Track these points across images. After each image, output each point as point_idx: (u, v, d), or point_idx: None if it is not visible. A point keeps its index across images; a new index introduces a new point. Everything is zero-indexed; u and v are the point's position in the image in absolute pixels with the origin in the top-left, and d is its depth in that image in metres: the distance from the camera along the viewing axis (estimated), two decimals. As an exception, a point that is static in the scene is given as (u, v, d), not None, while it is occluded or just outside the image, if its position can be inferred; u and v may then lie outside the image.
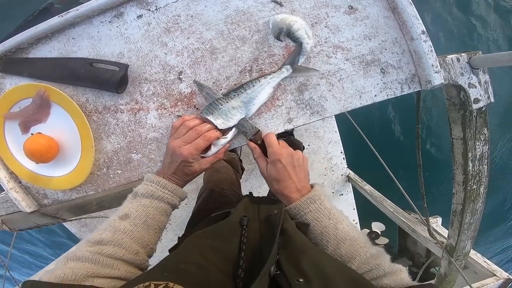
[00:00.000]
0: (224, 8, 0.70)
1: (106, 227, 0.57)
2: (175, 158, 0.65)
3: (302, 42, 0.70)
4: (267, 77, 0.71)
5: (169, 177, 0.66)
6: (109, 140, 0.80)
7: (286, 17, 0.70)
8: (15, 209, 0.89)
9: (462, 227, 1.11)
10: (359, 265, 0.55)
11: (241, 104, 0.70)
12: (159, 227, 0.63)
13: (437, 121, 3.19)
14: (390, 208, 1.78)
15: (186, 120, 0.67)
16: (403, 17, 0.64)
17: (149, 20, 0.72)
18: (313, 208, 0.62)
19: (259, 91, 0.71)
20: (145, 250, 0.59)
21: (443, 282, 1.32)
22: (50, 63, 0.74)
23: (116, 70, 0.72)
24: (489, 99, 0.74)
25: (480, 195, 1.03)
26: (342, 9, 0.68)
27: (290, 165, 0.65)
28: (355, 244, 0.58)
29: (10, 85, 0.78)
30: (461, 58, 0.69)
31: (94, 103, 0.78)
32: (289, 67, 0.71)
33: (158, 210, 0.62)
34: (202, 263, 0.44)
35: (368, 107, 0.74)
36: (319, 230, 0.60)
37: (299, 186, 0.65)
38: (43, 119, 0.76)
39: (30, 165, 0.81)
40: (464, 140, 0.87)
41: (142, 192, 0.62)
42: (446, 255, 1.24)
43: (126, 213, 0.59)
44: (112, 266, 0.50)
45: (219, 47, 0.73)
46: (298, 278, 0.40)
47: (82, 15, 0.70)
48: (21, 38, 0.73)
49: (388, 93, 0.73)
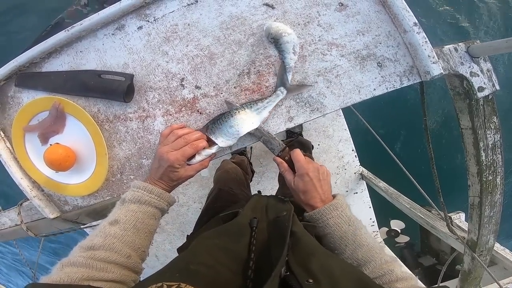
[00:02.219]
0: (219, 15, 0.73)
1: (97, 233, 0.59)
2: (162, 163, 0.67)
3: (285, 56, 0.72)
4: (264, 101, 0.74)
5: (156, 182, 0.69)
6: (121, 147, 0.84)
7: (282, 26, 0.72)
8: (39, 216, 0.95)
9: (482, 220, 1.07)
10: (373, 269, 0.58)
11: (240, 124, 0.72)
12: (149, 231, 0.65)
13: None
14: (407, 204, 1.74)
15: (175, 129, 0.70)
16: (393, 10, 0.65)
17: (149, 31, 0.76)
18: (335, 214, 0.65)
19: (257, 114, 0.73)
20: (137, 253, 0.60)
21: (467, 278, 1.27)
22: (62, 76, 0.79)
23: (122, 80, 0.76)
24: (494, 87, 0.73)
25: (497, 187, 1.00)
26: (332, 6, 0.69)
27: (316, 178, 0.69)
28: (371, 250, 0.61)
29: (27, 99, 0.84)
30: (459, 47, 0.68)
31: (105, 112, 0.82)
32: (283, 89, 0.74)
33: (147, 214, 0.64)
34: (211, 264, 0.45)
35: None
36: (339, 234, 0.64)
37: (323, 197, 0.69)
38: (60, 130, 0.82)
39: (50, 174, 0.86)
40: (473, 129, 0.85)
41: (130, 198, 0.65)
42: (468, 251, 1.20)
43: (116, 218, 0.61)
44: (106, 269, 0.52)
45: (217, 52, 0.76)
46: (308, 279, 0.41)
47: (86, 28, 0.75)
48: (33, 53, 0.78)
49: (388, 86, 0.73)
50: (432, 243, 2.86)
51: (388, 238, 2.63)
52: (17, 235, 0.98)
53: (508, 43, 0.57)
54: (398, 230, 2.62)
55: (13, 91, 0.85)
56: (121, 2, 0.72)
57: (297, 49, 0.72)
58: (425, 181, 1.47)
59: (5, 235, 0.98)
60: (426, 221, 1.64)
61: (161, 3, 0.74)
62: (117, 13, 0.74)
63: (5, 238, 1.02)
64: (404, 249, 2.94)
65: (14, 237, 1.02)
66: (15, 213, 0.93)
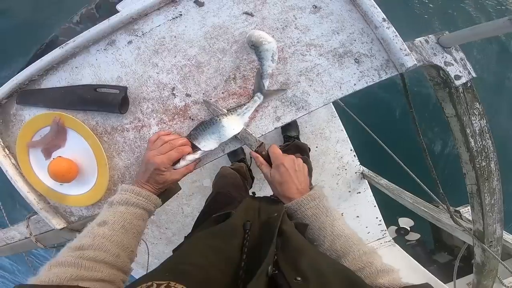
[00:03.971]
0: (202, 26, 0.78)
1: (85, 234, 0.60)
2: (149, 166, 0.70)
3: (263, 63, 0.75)
4: (243, 107, 0.77)
5: (142, 185, 0.71)
6: (120, 157, 0.88)
7: (263, 35, 0.75)
8: (47, 228, 0.99)
9: (484, 209, 1.08)
10: (352, 261, 0.58)
11: (220, 131, 0.76)
12: (137, 231, 0.66)
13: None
14: (410, 199, 1.73)
15: (161, 135, 0.74)
16: (363, 8, 0.69)
17: (138, 45, 0.81)
18: (312, 205, 0.67)
19: (236, 119, 0.77)
20: (126, 253, 0.61)
21: (482, 271, 1.26)
22: (60, 92, 0.84)
23: (117, 92, 0.80)
24: (470, 75, 0.75)
25: (493, 173, 1.01)
26: (307, 9, 0.74)
27: (291, 169, 0.71)
28: (349, 241, 0.62)
29: (29, 116, 0.89)
30: (429, 39, 0.72)
31: (103, 125, 0.87)
32: (259, 95, 0.77)
33: (134, 215, 0.66)
34: (202, 264, 0.46)
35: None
36: (317, 225, 0.65)
37: (300, 188, 0.71)
38: (61, 144, 0.86)
39: (55, 186, 0.90)
40: (458, 116, 0.88)
41: (118, 200, 0.67)
42: (477, 242, 1.19)
43: (104, 220, 0.63)
44: (95, 269, 0.52)
45: (203, 61, 0.80)
46: (296, 277, 0.42)
47: (79, 45, 0.80)
48: (31, 71, 0.83)
49: (367, 81, 0.76)
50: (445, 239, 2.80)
51: (398, 236, 2.58)
52: (27, 247, 1.02)
53: (472, 31, 0.60)
54: (407, 228, 2.58)
55: (15, 108, 0.89)
56: (109, 19, 0.77)
57: (275, 57, 0.76)
58: (430, 176, 1.47)
59: (15, 248, 1.02)
60: (431, 215, 1.63)
61: (147, 18, 0.79)
62: (107, 29, 0.79)
63: (15, 251, 1.06)
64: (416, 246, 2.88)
65: (24, 250, 1.06)
66: (24, 227, 0.98)
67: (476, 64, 3.07)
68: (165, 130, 0.84)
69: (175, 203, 2.16)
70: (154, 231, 2.18)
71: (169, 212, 2.18)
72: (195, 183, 2.14)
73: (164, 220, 2.18)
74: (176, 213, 2.18)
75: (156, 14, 0.80)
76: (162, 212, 2.17)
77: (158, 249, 2.14)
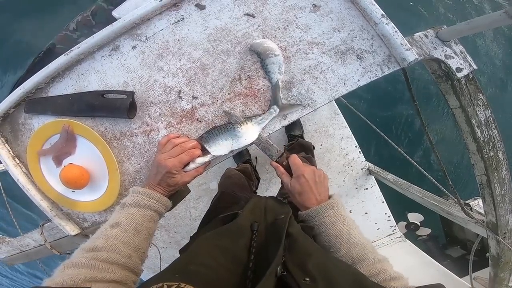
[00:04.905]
0: (205, 29, 0.80)
1: (99, 236, 0.62)
2: (160, 169, 0.72)
3: (272, 77, 0.77)
4: (258, 118, 0.79)
5: (154, 187, 0.72)
6: (130, 162, 0.89)
7: (270, 46, 0.76)
8: (61, 235, 1.01)
9: (495, 200, 1.08)
10: (367, 267, 0.60)
11: (234, 138, 0.78)
12: (148, 233, 0.68)
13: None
14: (418, 193, 1.73)
15: (171, 138, 0.76)
16: (361, 5, 0.70)
17: (143, 49, 0.82)
18: (330, 213, 0.68)
19: (250, 129, 0.78)
20: (137, 254, 0.63)
21: (498, 264, 1.25)
22: (68, 99, 0.85)
23: (124, 98, 0.81)
24: (471, 67, 0.76)
25: (501, 162, 1.01)
26: (307, 9, 0.75)
27: (311, 180, 0.72)
28: (364, 249, 0.63)
29: (38, 124, 0.90)
30: (429, 34, 0.73)
31: (112, 130, 0.88)
32: (275, 107, 0.78)
33: (146, 217, 0.68)
34: (211, 264, 0.47)
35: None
36: (334, 233, 0.66)
37: (319, 198, 0.71)
38: (71, 151, 0.88)
39: (67, 193, 0.92)
40: (462, 108, 0.88)
41: (130, 202, 0.69)
42: (491, 234, 1.19)
43: (117, 221, 0.64)
44: (108, 270, 0.54)
45: (208, 63, 0.81)
46: (305, 278, 0.43)
47: (84, 51, 0.82)
48: (37, 79, 0.84)
49: (370, 76, 0.77)
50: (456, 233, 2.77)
51: (408, 232, 2.57)
52: (42, 254, 1.04)
53: (469, 24, 0.61)
54: (417, 223, 2.56)
55: (23, 117, 0.91)
56: (112, 25, 0.78)
57: (282, 69, 0.77)
58: (435, 171, 1.47)
59: (30, 255, 1.04)
60: (441, 208, 1.62)
61: (150, 22, 0.80)
62: (110, 35, 0.80)
63: (30, 258, 1.08)
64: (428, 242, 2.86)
65: (39, 257, 1.08)
66: (38, 234, 1.00)
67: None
68: (174, 132, 0.85)
69: (183, 207, 2.18)
70: (163, 235, 2.20)
71: (177, 216, 2.19)
72: (201, 186, 2.16)
73: (173, 224, 2.20)
74: (184, 217, 2.20)
75: (158, 18, 0.81)
76: (170, 216, 2.19)
77: (168, 253, 2.15)
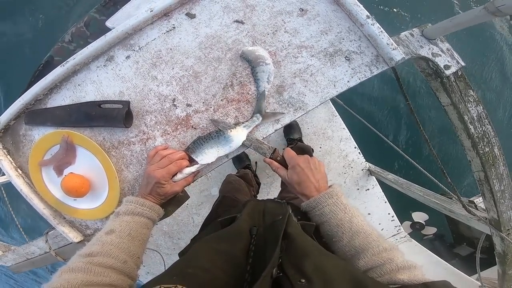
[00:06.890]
0: (196, 37, 0.82)
1: (94, 242, 0.64)
2: (150, 180, 0.75)
3: (259, 84, 0.79)
4: (241, 125, 0.80)
5: (146, 197, 0.75)
6: (129, 170, 0.91)
7: (262, 54, 0.78)
8: (65, 242, 1.03)
9: (495, 196, 1.07)
10: (371, 257, 0.58)
11: (219, 145, 0.79)
12: (143, 239, 0.70)
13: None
14: (419, 192, 1.72)
15: (159, 150, 0.79)
16: (347, 7, 0.71)
17: (136, 59, 0.84)
18: (330, 202, 0.68)
19: (240, 132, 0.79)
20: (133, 260, 0.64)
21: (505, 261, 1.24)
22: (66, 110, 0.87)
23: (120, 107, 0.83)
24: (458, 64, 0.77)
25: (497, 158, 1.01)
26: (294, 13, 0.77)
27: (307, 168, 0.74)
28: (368, 237, 0.62)
29: (38, 135, 0.92)
30: (414, 32, 0.74)
31: (110, 140, 0.90)
32: (259, 116, 0.80)
33: (140, 224, 0.70)
34: (209, 267, 0.47)
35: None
36: (335, 222, 0.66)
37: (317, 186, 0.72)
38: (71, 161, 0.90)
39: (69, 201, 0.94)
40: (454, 105, 0.89)
41: (124, 210, 0.71)
42: (494, 231, 1.18)
43: (111, 228, 0.67)
44: (104, 274, 0.55)
45: (200, 70, 0.83)
46: (300, 279, 0.43)
47: (79, 62, 0.84)
48: (36, 91, 0.87)
49: (360, 77, 0.79)
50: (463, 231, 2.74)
51: (414, 231, 2.54)
52: (47, 261, 1.06)
53: (452, 21, 0.62)
54: (422, 222, 2.54)
55: (24, 129, 0.93)
56: (106, 36, 0.81)
57: (271, 78, 0.78)
58: (434, 170, 1.46)
59: (35, 262, 1.06)
60: (443, 206, 1.61)
61: (142, 32, 0.83)
62: (104, 46, 0.83)
63: (36, 265, 1.10)
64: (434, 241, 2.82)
65: (44, 264, 1.10)
66: (43, 242, 1.02)
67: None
68: (170, 140, 0.87)
69: (186, 213, 2.20)
70: (167, 241, 2.22)
71: (180, 222, 2.21)
72: (203, 192, 2.17)
73: (176, 230, 2.21)
74: (187, 223, 2.21)
75: (150, 28, 0.84)
76: (173, 223, 2.21)
77: (172, 259, 2.16)
